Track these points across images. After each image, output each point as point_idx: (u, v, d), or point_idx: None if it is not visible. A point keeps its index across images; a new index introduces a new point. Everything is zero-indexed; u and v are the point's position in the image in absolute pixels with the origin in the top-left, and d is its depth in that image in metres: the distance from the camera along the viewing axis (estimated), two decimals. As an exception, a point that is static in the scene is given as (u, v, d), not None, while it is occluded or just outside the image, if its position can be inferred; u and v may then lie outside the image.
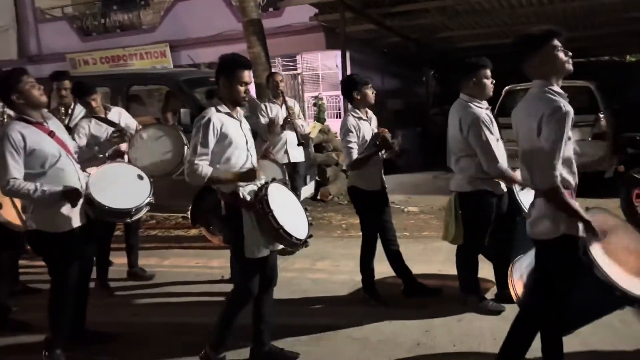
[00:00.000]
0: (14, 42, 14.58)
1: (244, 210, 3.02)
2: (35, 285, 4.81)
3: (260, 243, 3.02)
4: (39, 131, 3.14)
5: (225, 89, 3.04)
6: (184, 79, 6.23)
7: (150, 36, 13.08)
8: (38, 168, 3.11)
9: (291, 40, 11.39)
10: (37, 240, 3.26)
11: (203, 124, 2.97)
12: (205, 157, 2.97)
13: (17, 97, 3.09)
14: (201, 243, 6.10)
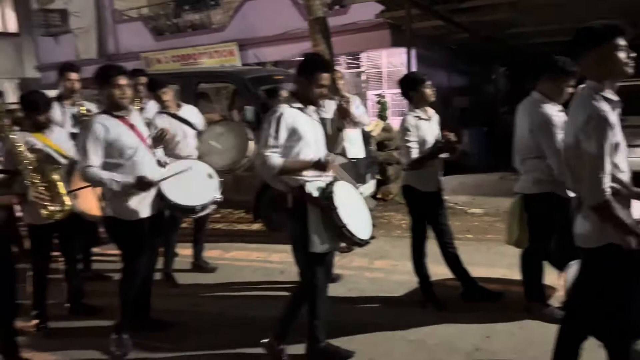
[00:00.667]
0: (94, 42, 15.43)
1: (310, 205, 3.06)
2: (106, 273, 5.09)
3: (324, 239, 3.05)
4: (120, 124, 3.37)
5: (302, 88, 3.12)
6: (250, 77, 6.36)
7: (219, 35, 13.44)
8: (117, 158, 3.33)
9: (356, 38, 11.36)
10: (111, 226, 3.48)
11: (275, 117, 3.05)
12: (276, 149, 3.03)
13: (106, 89, 3.35)
14: (262, 238, 6.21)
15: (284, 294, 4.50)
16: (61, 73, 4.78)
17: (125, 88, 3.38)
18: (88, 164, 3.26)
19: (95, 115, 3.49)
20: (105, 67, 3.48)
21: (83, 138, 3.31)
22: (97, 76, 3.40)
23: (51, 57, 16.49)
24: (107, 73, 3.37)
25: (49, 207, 3.40)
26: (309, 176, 3.11)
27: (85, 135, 3.30)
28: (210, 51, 13.34)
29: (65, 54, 15.73)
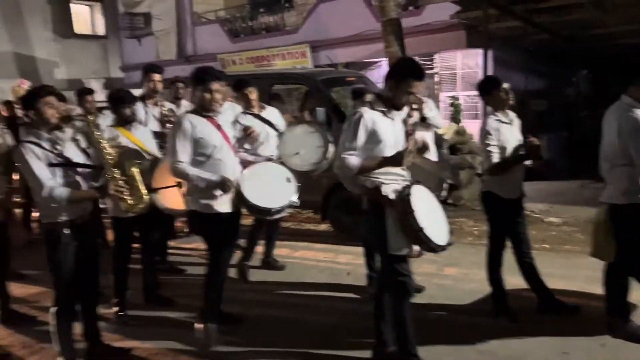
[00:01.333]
0: (174, 43, 16.10)
1: (386, 207, 3.03)
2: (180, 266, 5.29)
3: (403, 241, 3.02)
4: (208, 123, 3.51)
5: (390, 91, 3.07)
6: (322, 78, 6.41)
7: (292, 37, 13.63)
8: (202, 156, 3.47)
9: (429, 38, 11.16)
10: (195, 219, 3.67)
11: (355, 120, 3.04)
12: (354, 152, 3.02)
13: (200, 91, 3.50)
14: (330, 238, 6.23)
15: (351, 295, 4.51)
16: (145, 74, 4.99)
17: (217, 93, 3.50)
18: (177, 159, 3.43)
19: (185, 113, 3.64)
20: (202, 70, 3.60)
21: (173, 135, 3.49)
22: (194, 76, 3.55)
23: (134, 58, 17.39)
24: (203, 77, 3.50)
25: (127, 200, 3.55)
26: (385, 178, 3.08)
27: (176, 132, 3.47)
28: (283, 53, 13.55)
29: (147, 55, 16.54)
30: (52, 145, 3.17)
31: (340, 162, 3.06)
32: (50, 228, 3.22)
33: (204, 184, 3.44)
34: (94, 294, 3.54)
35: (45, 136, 3.18)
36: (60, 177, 3.15)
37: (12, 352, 3.74)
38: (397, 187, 3.04)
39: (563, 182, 9.45)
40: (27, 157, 3.07)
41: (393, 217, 2.99)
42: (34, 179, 3.08)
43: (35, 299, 4.74)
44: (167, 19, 16.05)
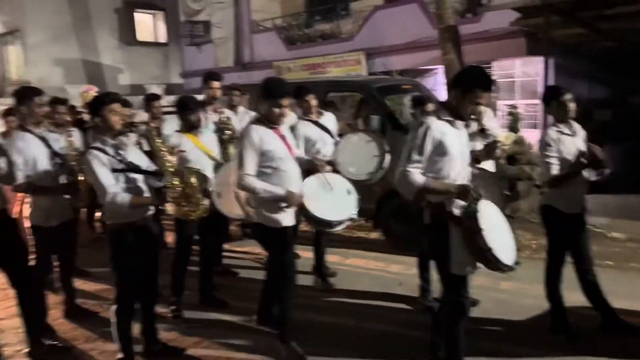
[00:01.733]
0: (231, 51, 16.49)
1: (451, 224, 2.91)
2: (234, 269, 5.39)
3: (467, 261, 2.88)
4: (274, 134, 3.47)
5: (456, 101, 2.94)
6: (377, 86, 6.39)
7: (347, 44, 13.67)
8: (268, 168, 3.42)
9: (488, 46, 10.92)
10: (259, 232, 3.64)
11: (422, 131, 2.90)
12: (419, 165, 2.90)
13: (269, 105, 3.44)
14: (381, 246, 6.18)
15: (402, 306, 4.46)
16: (205, 81, 5.10)
17: (286, 110, 3.47)
18: (245, 172, 3.38)
19: (251, 124, 3.54)
20: (274, 84, 3.52)
21: (241, 147, 3.44)
22: (265, 89, 3.46)
23: (194, 64, 17.93)
24: (274, 92, 3.43)
25: (184, 208, 3.61)
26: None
27: (244, 144, 3.41)
28: (338, 60, 13.60)
29: (206, 62, 17.02)
30: (116, 151, 3.30)
31: (403, 175, 2.91)
32: (114, 229, 3.36)
33: (270, 198, 3.40)
34: (153, 293, 3.67)
35: (110, 142, 3.31)
36: (122, 182, 3.27)
37: (75, 346, 3.92)
38: (463, 203, 2.90)
39: (629, 196, 8.98)
40: (93, 163, 3.20)
41: (458, 234, 2.85)
42: (98, 185, 3.22)
43: (97, 295, 4.96)
44: (226, 27, 16.46)
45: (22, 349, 3.85)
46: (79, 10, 19.54)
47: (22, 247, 3.74)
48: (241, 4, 16.35)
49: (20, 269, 3.65)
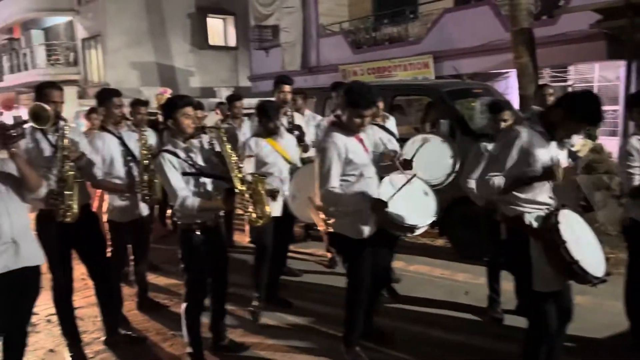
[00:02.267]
0: (298, 55, 16.70)
1: (531, 237, 2.79)
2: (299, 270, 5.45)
3: (550, 276, 2.75)
4: (355, 141, 3.33)
5: (557, 119, 2.77)
6: (447, 90, 6.27)
7: (415, 48, 13.51)
8: (351, 176, 3.29)
9: (564, 49, 10.47)
10: (337, 242, 3.52)
11: (510, 139, 2.81)
12: (501, 173, 2.82)
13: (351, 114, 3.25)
14: (446, 254, 6.05)
15: (469, 316, 4.34)
16: (276, 84, 5.12)
17: (368, 120, 3.31)
18: (330, 184, 3.23)
19: (331, 132, 3.34)
20: (359, 94, 3.23)
21: (324, 156, 3.25)
22: (349, 97, 3.24)
23: (261, 68, 18.30)
24: (358, 102, 3.21)
25: (251, 215, 3.45)
26: (529, 207, 2.84)
27: (327, 153, 3.23)
28: (405, 64, 13.47)
29: (273, 66, 17.34)
30: (187, 154, 3.35)
31: (482, 182, 2.85)
32: (184, 229, 3.44)
33: (354, 208, 3.27)
34: (222, 291, 3.75)
35: (182, 145, 3.36)
36: (192, 185, 3.32)
37: (147, 337, 4.09)
38: (541, 214, 2.78)
39: None
40: (165, 166, 3.26)
41: (539, 249, 2.73)
42: (169, 188, 3.28)
43: (168, 289, 5.15)
44: (294, 31, 16.69)
45: (100, 336, 4.06)
46: (155, 16, 20.48)
47: (102, 241, 3.94)
48: (309, 8, 16.54)
49: (99, 262, 3.85)
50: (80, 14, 21.21)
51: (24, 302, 3.13)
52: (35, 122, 3.10)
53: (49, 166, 3.48)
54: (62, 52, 22.20)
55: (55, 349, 3.94)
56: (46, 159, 3.49)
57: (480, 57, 11.94)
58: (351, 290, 3.50)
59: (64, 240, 3.62)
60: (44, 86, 3.58)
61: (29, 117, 3.08)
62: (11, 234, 2.90)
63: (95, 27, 20.52)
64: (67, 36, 22.55)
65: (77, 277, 5.37)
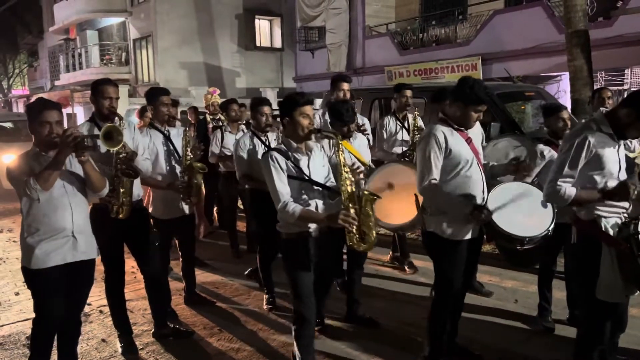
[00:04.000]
0: (344, 56, 16.69)
1: (604, 244, 2.70)
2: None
3: (618, 286, 2.65)
4: (458, 135, 3.14)
5: (627, 120, 2.69)
6: (498, 92, 6.14)
7: (463, 49, 13.30)
8: (451, 171, 3.12)
9: (621, 52, 10.09)
10: (430, 241, 3.29)
11: (578, 142, 2.71)
12: (571, 179, 2.73)
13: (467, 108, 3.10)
14: (493, 260, 5.91)
15: (517, 324, 4.23)
16: (334, 82, 5.03)
17: (479, 114, 3.12)
18: (431, 177, 3.08)
19: (436, 124, 3.20)
20: (477, 87, 3.10)
21: (424, 149, 3.11)
22: (463, 90, 3.10)
23: (306, 69, 18.41)
24: (476, 96, 3.07)
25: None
26: (605, 210, 2.73)
27: (428, 146, 3.09)
28: (452, 65, 13.28)
29: (318, 67, 17.41)
30: (296, 157, 3.07)
31: (552, 189, 2.73)
32: (287, 239, 3.13)
33: (454, 209, 3.09)
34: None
35: (294, 146, 3.09)
36: (296, 191, 3.03)
37: (195, 331, 4.16)
38: (618, 222, 2.68)
39: None
40: (272, 166, 2.99)
41: (610, 257, 2.63)
42: (272, 190, 3.01)
43: (215, 286, 5.24)
44: (340, 33, 16.70)
45: (149, 328, 4.16)
46: (204, 16, 20.90)
47: (151, 236, 4.04)
48: (356, 9, 16.52)
49: (148, 256, 3.94)
50: (133, 14, 21.86)
51: (79, 293, 3.24)
52: (104, 141, 3.03)
53: (106, 163, 3.55)
54: (114, 52, 22.94)
55: (107, 339, 4.06)
56: (102, 155, 3.55)
57: (532, 60, 11.66)
58: (439, 297, 3.31)
59: (116, 235, 3.70)
60: (99, 83, 3.65)
61: (100, 135, 3.01)
62: (72, 228, 3.03)
63: (146, 28, 21.10)
64: (120, 36, 23.28)
65: (128, 271, 5.54)
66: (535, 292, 4.32)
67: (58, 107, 3.10)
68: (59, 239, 3.00)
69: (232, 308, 4.67)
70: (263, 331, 4.18)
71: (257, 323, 4.32)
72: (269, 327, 4.25)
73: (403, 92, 5.32)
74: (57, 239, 2.99)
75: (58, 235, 2.99)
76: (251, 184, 4.60)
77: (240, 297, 4.95)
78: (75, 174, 3.08)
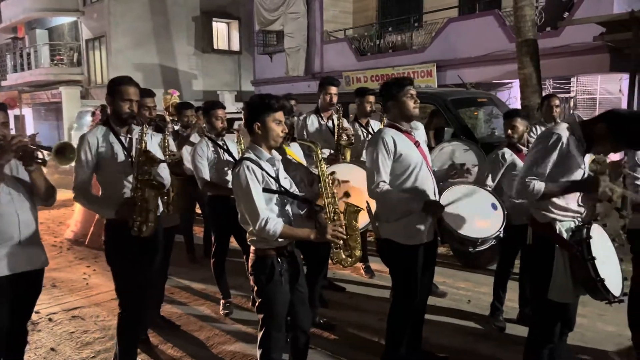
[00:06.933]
0: (303, 60, 16.75)
1: (557, 247, 2.77)
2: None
3: (569, 288, 2.72)
4: (407, 139, 3.13)
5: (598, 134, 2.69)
6: (452, 98, 6.29)
7: (419, 56, 13.57)
8: (402, 174, 3.09)
9: (568, 61, 10.52)
10: (386, 248, 3.22)
11: (550, 143, 2.73)
12: (540, 178, 2.75)
13: (393, 104, 3.17)
14: (447, 262, 6.03)
15: (470, 324, 4.33)
16: (322, 86, 4.96)
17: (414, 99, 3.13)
18: (380, 179, 3.04)
19: (385, 127, 3.21)
20: (396, 80, 3.17)
21: (373, 152, 3.09)
22: (389, 88, 3.15)
23: (264, 73, 18.37)
24: (401, 82, 3.12)
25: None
26: (561, 214, 2.80)
27: (377, 148, 3.06)
28: (409, 71, 13.51)
29: (276, 71, 17.41)
30: (268, 167, 2.80)
31: (522, 186, 2.77)
32: (260, 256, 2.81)
33: (404, 208, 3.05)
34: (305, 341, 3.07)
35: (266, 155, 2.80)
36: (274, 204, 2.77)
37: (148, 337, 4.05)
38: (572, 226, 2.76)
39: None
40: (249, 179, 2.67)
41: (563, 259, 2.70)
42: (250, 206, 2.68)
43: (170, 291, 5.10)
44: (298, 37, 16.75)
45: (102, 336, 4.03)
46: (160, 18, 20.57)
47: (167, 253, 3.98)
48: (314, 15, 16.61)
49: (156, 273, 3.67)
50: (85, 14, 21.29)
51: (26, 303, 3.04)
52: (54, 156, 2.72)
53: (126, 172, 3.15)
54: (65, 52, 22.26)
55: (57, 348, 3.92)
56: (120, 164, 3.14)
57: (484, 67, 12.01)
58: (396, 300, 3.29)
59: (135, 254, 3.17)
60: (118, 82, 3.13)
61: (53, 149, 2.72)
62: (19, 236, 2.83)
63: (99, 28, 20.58)
64: (71, 36, 22.62)
65: (79, 277, 5.41)
66: (487, 293, 4.44)
67: (3, 108, 2.95)
68: (5, 247, 2.79)
69: (187, 314, 4.60)
70: (219, 336, 4.13)
71: (213, 329, 4.27)
72: (225, 333, 4.20)
73: (366, 97, 5.07)
74: (3, 247, 2.79)
75: (4, 244, 2.79)
76: (213, 190, 4.48)
77: (195, 303, 4.87)
78: (22, 180, 2.87)
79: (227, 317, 4.48)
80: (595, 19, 8.95)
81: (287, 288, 2.81)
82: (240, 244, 4.29)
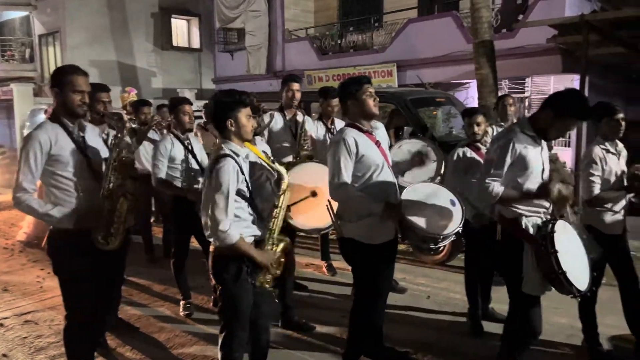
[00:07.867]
0: (264, 58, 16.65)
1: (525, 242, 2.85)
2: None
3: (537, 281, 2.80)
4: (368, 139, 3.13)
5: (545, 121, 2.83)
6: (411, 98, 6.39)
7: (379, 56, 13.70)
8: (363, 175, 3.09)
9: (522, 62, 10.83)
10: (348, 248, 3.21)
11: (503, 144, 2.84)
12: (498, 178, 2.85)
13: (352, 103, 3.15)
14: (407, 259, 6.12)
15: (431, 318, 4.42)
16: (284, 83, 4.94)
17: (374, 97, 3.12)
18: (341, 180, 3.02)
19: (346, 127, 3.18)
20: (354, 79, 3.19)
21: (335, 152, 3.06)
22: (347, 87, 3.16)
23: (226, 71, 18.17)
24: (359, 80, 3.15)
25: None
26: (527, 210, 2.88)
27: (338, 149, 3.04)
28: (370, 71, 13.63)
29: (238, 69, 17.25)
30: (245, 165, 2.75)
31: (481, 187, 2.87)
32: (227, 254, 2.71)
33: (367, 208, 3.03)
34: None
35: (243, 152, 2.74)
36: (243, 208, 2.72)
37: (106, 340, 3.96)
38: (538, 222, 2.85)
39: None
40: (230, 180, 2.60)
41: (532, 253, 2.79)
42: (218, 206, 2.57)
43: (129, 293, 5.02)
44: (260, 35, 16.65)
45: (57, 340, 3.92)
46: (117, 14, 20.05)
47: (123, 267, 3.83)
48: (275, 13, 16.55)
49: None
50: (38, 9, 20.55)
51: None
52: None
53: (82, 176, 2.85)
54: (17, 48, 21.45)
55: (9, 354, 3.79)
56: (75, 166, 2.84)
57: (443, 67, 12.22)
58: (359, 302, 3.28)
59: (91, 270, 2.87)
60: (67, 72, 2.82)
61: None
62: None
63: (53, 23, 19.91)
64: (23, 31, 21.80)
65: (32, 280, 5.23)
66: (446, 288, 4.54)
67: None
68: None
69: (146, 315, 4.52)
70: (180, 338, 4.07)
71: (174, 330, 4.21)
72: (186, 334, 4.15)
73: (330, 101, 4.97)
74: None
75: None
76: (167, 189, 4.39)
77: (155, 304, 4.79)
78: None
79: (188, 317, 4.43)
80: (548, 21, 9.23)
81: (251, 287, 2.77)
82: (201, 244, 4.24)
